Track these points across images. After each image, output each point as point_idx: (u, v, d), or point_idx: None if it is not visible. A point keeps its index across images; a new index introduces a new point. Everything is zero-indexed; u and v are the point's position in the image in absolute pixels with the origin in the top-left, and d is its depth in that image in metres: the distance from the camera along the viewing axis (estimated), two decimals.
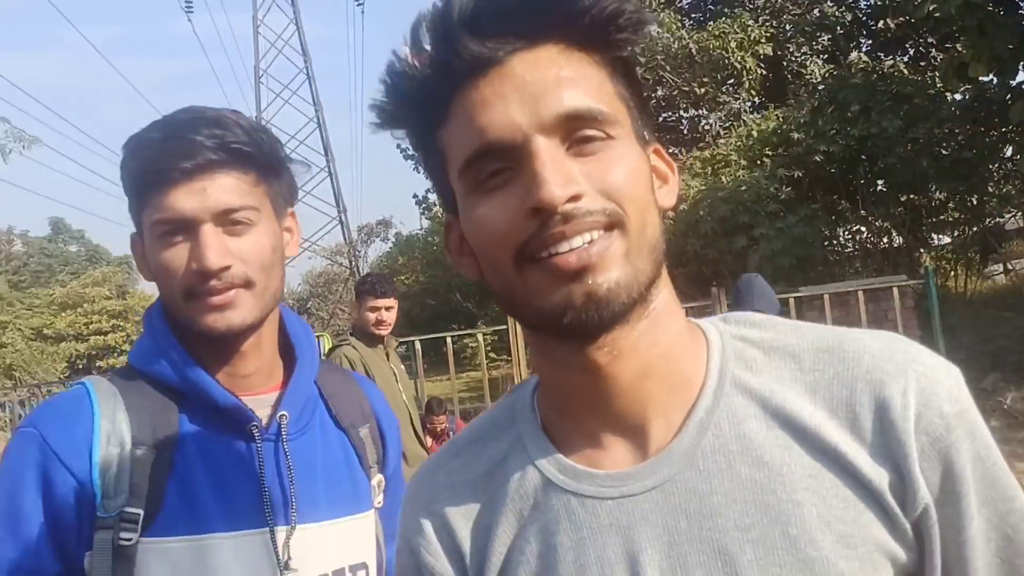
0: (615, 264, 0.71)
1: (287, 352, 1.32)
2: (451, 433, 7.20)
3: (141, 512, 1.12)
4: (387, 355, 4.57)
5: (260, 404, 1.24)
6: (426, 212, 24.00)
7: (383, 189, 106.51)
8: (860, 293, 7.87)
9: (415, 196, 22.80)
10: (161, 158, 1.13)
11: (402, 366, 4.88)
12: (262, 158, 1.19)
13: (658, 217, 0.76)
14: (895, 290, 7.85)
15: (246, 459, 1.20)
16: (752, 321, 0.83)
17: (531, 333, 0.81)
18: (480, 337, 9.36)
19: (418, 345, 8.63)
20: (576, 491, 0.78)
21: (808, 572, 0.71)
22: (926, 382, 0.74)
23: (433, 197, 23.26)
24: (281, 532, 1.19)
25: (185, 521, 1.14)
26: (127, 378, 1.22)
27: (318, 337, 8.13)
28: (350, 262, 26.31)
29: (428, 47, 0.75)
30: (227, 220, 1.15)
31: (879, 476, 0.72)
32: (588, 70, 0.74)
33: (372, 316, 4.46)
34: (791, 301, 7.96)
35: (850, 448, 0.73)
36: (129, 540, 1.11)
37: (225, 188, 1.14)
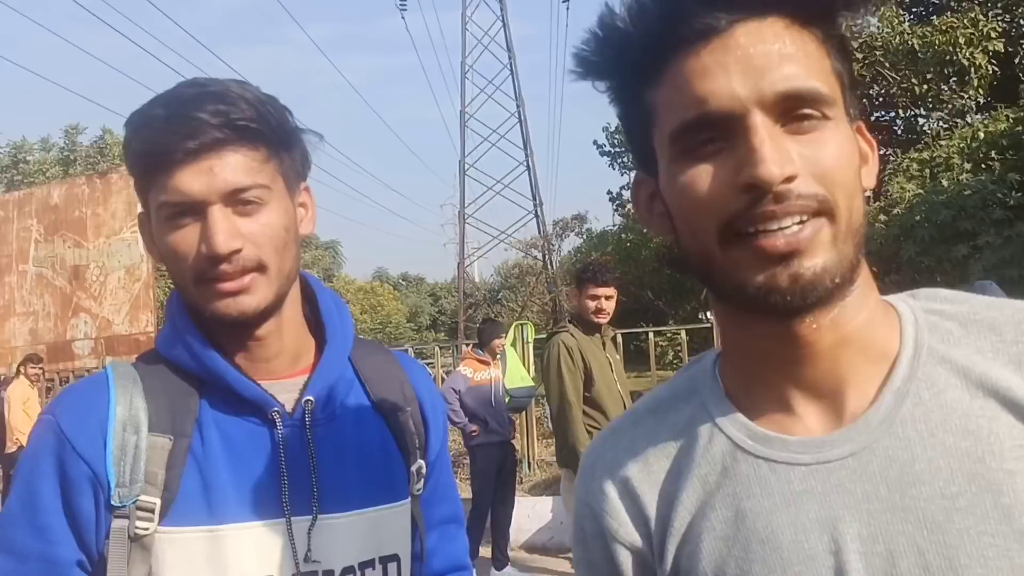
0: (822, 250, 0.71)
1: (320, 332, 1.25)
2: None
3: (157, 501, 1.08)
4: (603, 344, 4.59)
5: (285, 389, 1.18)
6: (619, 208, 24.08)
7: (578, 185, 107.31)
8: None
9: (609, 192, 23.01)
10: (165, 138, 1.06)
11: (618, 356, 4.89)
12: (271, 132, 1.12)
13: (862, 200, 0.75)
14: None
15: (267, 447, 1.15)
16: (943, 296, 0.82)
17: (724, 301, 0.79)
18: (683, 334, 9.32)
19: (619, 338, 8.71)
20: (767, 456, 0.77)
21: (1023, 542, 0.68)
22: None
23: (627, 194, 23.30)
24: (302, 523, 1.13)
25: (202, 511, 1.10)
26: (151, 363, 1.18)
27: (521, 325, 8.33)
28: (544, 255, 26.75)
29: (652, 5, 0.74)
30: (236, 200, 1.08)
31: None
32: (810, 47, 0.72)
33: (592, 304, 4.48)
34: None
35: None
36: (146, 530, 1.08)
37: (233, 167, 1.07)
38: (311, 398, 1.18)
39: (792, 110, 0.71)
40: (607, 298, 4.53)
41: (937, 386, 0.75)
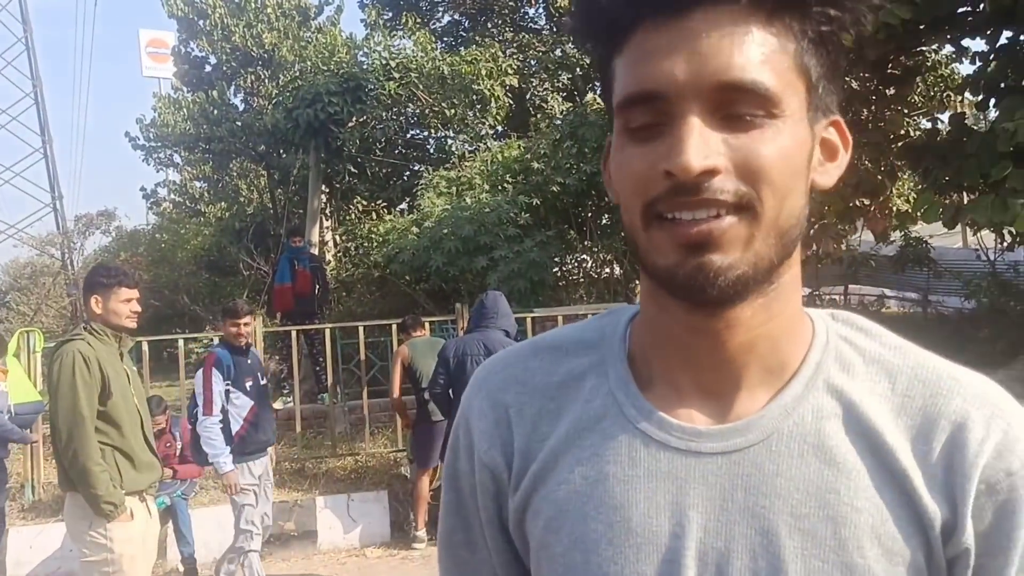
0: (733, 247, 0.72)
1: None
2: (174, 435, 6.81)
3: None
4: (120, 355, 4.27)
5: None
6: (154, 207, 22.55)
7: (107, 179, 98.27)
8: (590, 316, 8.46)
9: (143, 189, 21.36)
10: None
11: (135, 367, 4.59)
12: None
13: (803, 200, 0.76)
14: None
15: None
16: (860, 326, 0.85)
17: (646, 276, 0.80)
18: (217, 341, 8.91)
19: (145, 347, 8.10)
20: (645, 431, 0.80)
21: (848, 575, 0.73)
22: (1006, 439, 0.75)
23: (162, 192, 21.92)
24: None
25: None
26: None
27: (27, 333, 7.34)
28: (63, 254, 24.00)
29: None
30: None
31: (934, 510, 0.74)
32: (771, 39, 0.72)
33: (126, 308, 4.15)
34: (528, 320, 8.42)
35: (916, 476, 0.75)
36: None
37: None
38: None
39: (732, 103, 0.70)
40: (138, 300, 4.25)
41: (821, 413, 0.77)
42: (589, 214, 13.33)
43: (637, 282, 14.85)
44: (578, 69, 17.07)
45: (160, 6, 16.81)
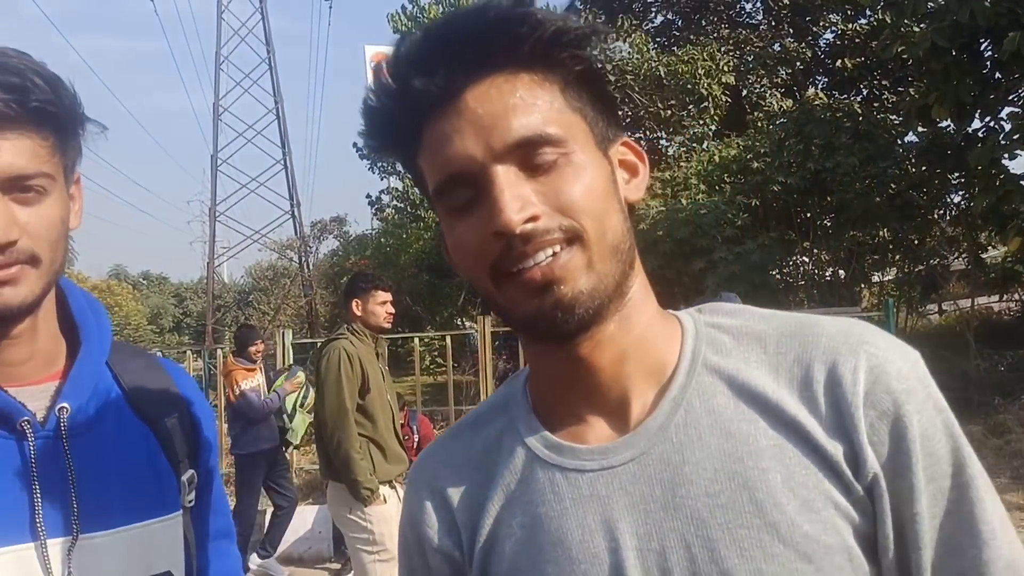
0: (578, 274, 0.78)
1: (71, 334, 1.15)
2: (412, 428, 7.22)
3: None
4: (377, 354, 4.53)
5: (36, 396, 1.07)
6: (378, 213, 23.90)
7: (337, 187, 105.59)
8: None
9: (368, 196, 22.73)
10: None
11: (385, 367, 4.81)
12: (63, 119, 1.04)
13: (621, 216, 0.83)
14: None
15: (16, 462, 1.02)
16: (724, 310, 0.91)
17: (518, 331, 0.87)
18: (448, 340, 9.34)
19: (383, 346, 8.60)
20: (560, 464, 0.85)
21: (774, 533, 0.76)
22: (876, 361, 0.80)
23: (386, 199, 23.20)
24: (58, 544, 1.02)
25: None
26: None
27: (279, 329, 7.96)
28: (300, 257, 25.99)
29: (393, 83, 0.81)
30: (16, 187, 0.99)
31: (834, 447, 0.78)
32: (537, 92, 0.80)
33: (382, 310, 4.43)
34: None
35: (808, 421, 0.79)
36: None
37: (19, 151, 0.98)
38: (66, 405, 1.07)
39: (527, 156, 0.77)
40: (393, 303, 4.53)
41: (707, 394, 0.83)
42: (810, 214, 12.78)
43: (863, 286, 14.06)
44: (798, 64, 16.41)
45: (386, 23, 17.84)
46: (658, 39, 17.97)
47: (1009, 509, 7.05)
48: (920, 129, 10.27)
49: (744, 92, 16.49)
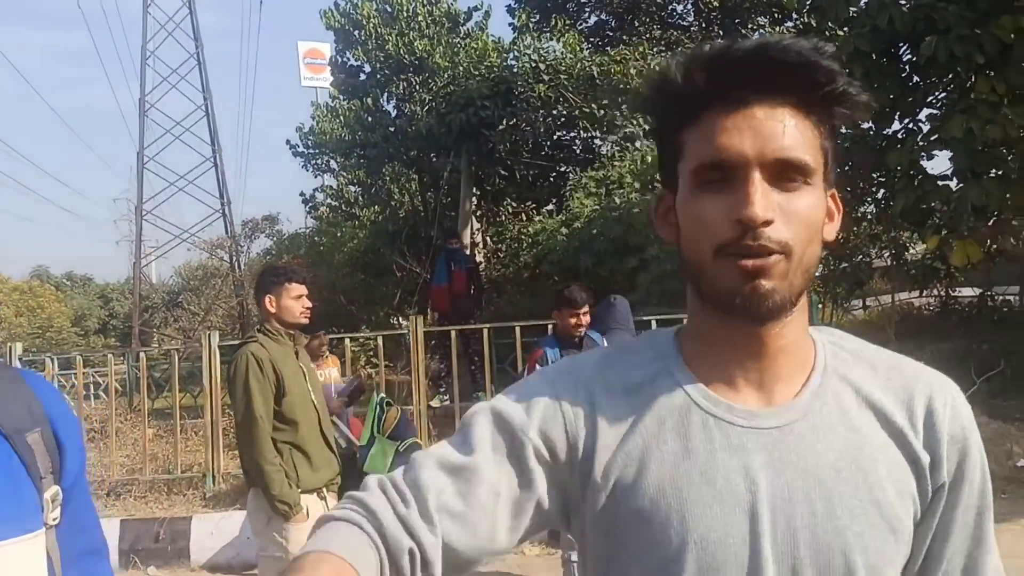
0: (777, 277, 0.98)
1: None
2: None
3: None
4: (296, 353, 4.35)
5: None
6: (312, 211, 23.58)
7: (269, 185, 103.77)
8: None
9: (302, 194, 22.35)
10: None
11: (312, 364, 4.66)
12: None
13: (819, 247, 1.03)
14: None
15: None
16: (838, 334, 1.16)
17: (707, 301, 1.04)
18: (380, 340, 9.23)
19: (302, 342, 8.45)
20: (715, 414, 1.04)
21: (877, 508, 1.01)
22: (956, 402, 1.09)
23: (320, 197, 22.87)
24: None
25: None
26: None
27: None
28: (231, 257, 25.48)
29: (701, 74, 0.99)
30: None
31: (924, 457, 1.05)
32: (808, 128, 1.00)
33: (297, 304, 4.23)
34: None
35: (909, 434, 1.05)
36: None
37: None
38: None
39: (782, 172, 0.97)
40: (309, 297, 4.31)
41: (839, 395, 1.06)
42: None
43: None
44: None
45: (318, 19, 17.59)
46: (592, 39, 18.07)
47: None
48: (843, 130, 10.52)
49: None
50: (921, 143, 8.89)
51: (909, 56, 8.85)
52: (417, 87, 17.05)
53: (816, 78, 0.97)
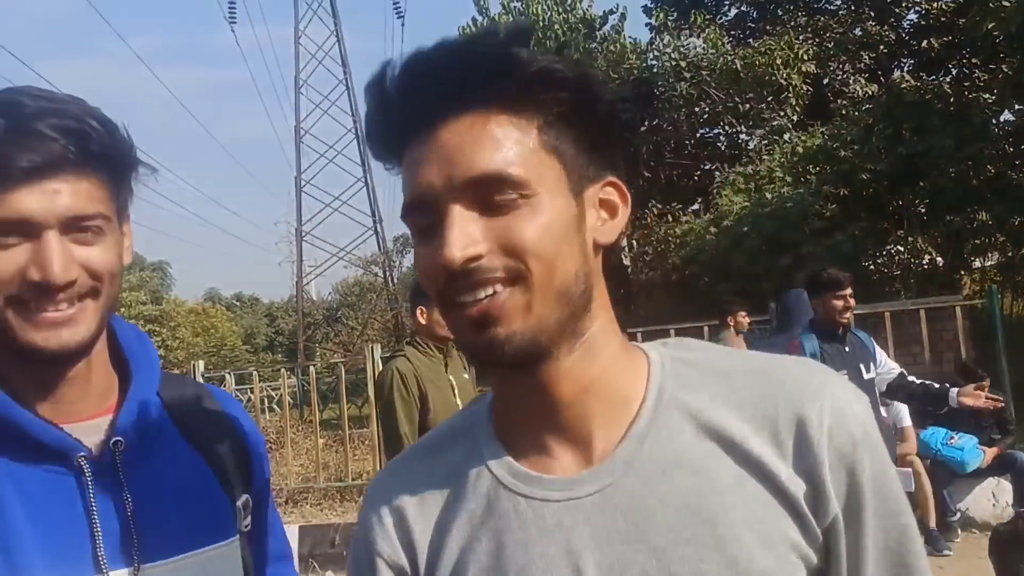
0: (515, 315, 0.80)
1: (121, 367, 1.17)
2: None
3: None
4: (445, 365, 4.21)
5: (91, 430, 1.09)
6: None
7: None
8: (921, 312, 7.83)
9: None
10: (7, 151, 0.98)
11: (464, 376, 4.41)
12: (119, 160, 1.08)
13: (579, 260, 0.83)
14: (958, 309, 7.81)
15: (76, 497, 1.05)
16: (689, 345, 0.94)
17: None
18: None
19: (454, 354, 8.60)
20: (526, 494, 0.87)
21: (733, 569, 0.79)
22: (839, 404, 0.84)
23: None
24: (121, 575, 1.04)
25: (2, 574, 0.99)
26: None
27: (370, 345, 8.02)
28: (384, 272, 26.40)
29: (382, 105, 0.85)
30: (76, 227, 1.02)
31: (796, 485, 0.82)
32: (511, 131, 0.81)
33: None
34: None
35: (772, 460, 0.82)
36: None
37: (78, 193, 1.02)
38: (120, 439, 1.09)
39: (486, 193, 0.79)
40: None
41: (672, 430, 0.85)
42: (903, 201, 12.34)
43: (964, 272, 13.50)
44: (882, 47, 15.90)
45: (457, 36, 17.98)
46: (733, 32, 17.65)
47: None
48: (1016, 107, 9.82)
49: (826, 80, 16.05)
50: None
51: None
52: None
53: (496, 70, 0.81)
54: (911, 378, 4.48)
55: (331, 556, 7.40)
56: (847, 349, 4.44)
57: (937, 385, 4.53)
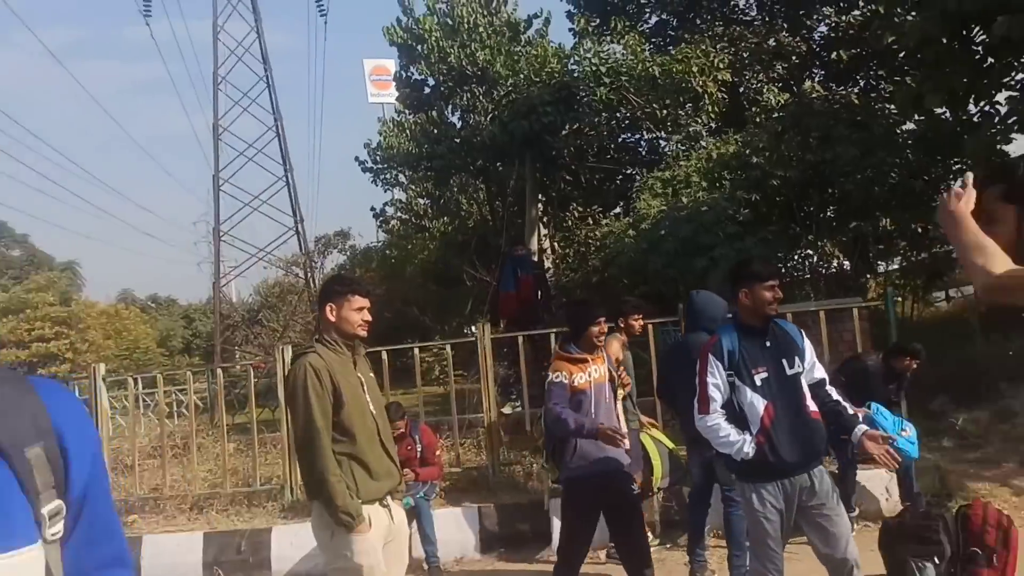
0: None
1: None
2: (414, 439, 7.15)
3: None
4: (354, 363, 4.21)
5: None
6: (383, 225, 23.92)
7: (341, 201, 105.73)
8: (821, 313, 8.09)
9: (373, 209, 22.69)
10: None
11: (371, 375, 4.44)
12: None
13: None
14: (855, 311, 8.09)
15: None
16: None
17: None
18: (449, 349, 9.32)
19: (385, 356, 8.55)
20: None
21: None
22: None
23: (390, 211, 23.16)
24: None
25: None
26: None
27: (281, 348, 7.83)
28: (306, 273, 26.02)
29: None
30: None
31: None
32: None
33: (358, 316, 4.12)
34: None
35: None
36: None
37: None
38: None
39: None
40: (369, 309, 4.19)
41: None
42: (812, 207, 12.72)
43: (870, 276, 13.98)
44: (794, 58, 16.36)
45: (382, 36, 17.85)
46: (654, 39, 17.93)
47: (1019, 493, 6.99)
48: (917, 117, 10.22)
49: (742, 88, 16.44)
50: (999, 126, 8.57)
51: (982, 37, 8.55)
52: (480, 97, 17.16)
53: None
54: (830, 390, 4.43)
55: (237, 563, 7.26)
56: (768, 344, 4.36)
57: (851, 412, 4.46)
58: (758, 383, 4.22)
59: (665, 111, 14.11)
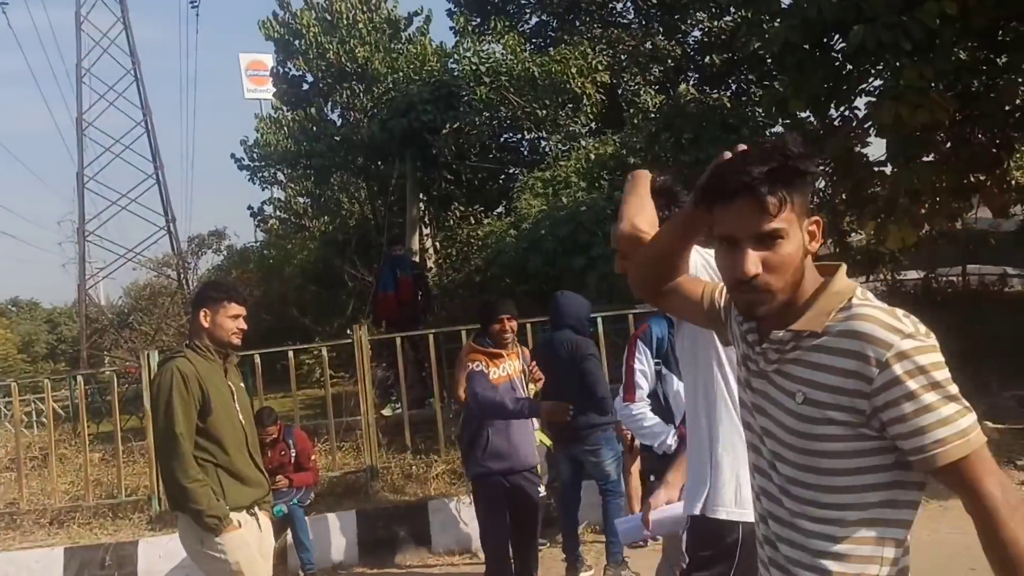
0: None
1: None
2: (288, 443, 6.96)
3: None
4: (225, 372, 4.13)
5: None
6: (261, 224, 23.30)
7: (216, 200, 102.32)
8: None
9: (250, 207, 22.03)
10: None
11: (241, 383, 4.36)
12: None
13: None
14: None
15: None
16: None
17: None
18: (324, 352, 9.12)
19: (257, 360, 8.30)
20: None
21: None
22: None
23: (268, 209, 22.55)
24: None
25: None
26: None
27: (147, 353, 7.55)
28: (178, 274, 25.07)
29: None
30: None
31: None
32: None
33: (232, 324, 4.04)
34: (629, 318, 8.31)
35: None
36: None
37: None
38: None
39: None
40: (245, 318, 4.12)
41: None
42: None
43: None
44: (669, 61, 16.79)
45: (257, 30, 17.36)
46: (534, 40, 18.08)
47: None
48: (783, 121, 10.65)
49: (620, 90, 16.76)
50: (857, 130, 9.01)
51: (841, 45, 8.97)
52: (360, 95, 16.93)
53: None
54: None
55: None
56: None
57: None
58: None
59: (545, 111, 14.25)
